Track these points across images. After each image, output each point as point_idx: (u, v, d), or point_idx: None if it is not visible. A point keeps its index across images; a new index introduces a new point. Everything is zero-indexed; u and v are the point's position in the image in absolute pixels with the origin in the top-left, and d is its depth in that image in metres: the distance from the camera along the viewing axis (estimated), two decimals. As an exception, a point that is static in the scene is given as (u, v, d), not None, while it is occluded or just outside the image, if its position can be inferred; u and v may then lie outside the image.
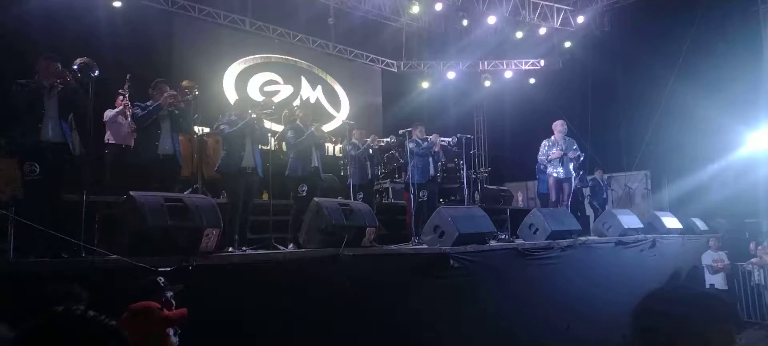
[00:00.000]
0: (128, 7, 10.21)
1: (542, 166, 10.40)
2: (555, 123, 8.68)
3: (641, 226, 8.72)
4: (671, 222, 9.46)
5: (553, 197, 8.60)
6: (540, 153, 8.69)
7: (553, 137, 8.60)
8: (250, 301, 4.22)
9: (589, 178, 11.29)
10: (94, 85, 4.88)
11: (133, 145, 7.01)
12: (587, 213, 11.13)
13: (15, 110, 4.84)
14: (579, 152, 8.51)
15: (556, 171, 8.46)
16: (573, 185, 8.62)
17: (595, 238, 7.99)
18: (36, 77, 4.87)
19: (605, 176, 11.78)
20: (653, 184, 13.32)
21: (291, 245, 5.89)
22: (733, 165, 11.82)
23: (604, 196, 11.48)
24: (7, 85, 4.83)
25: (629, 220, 8.53)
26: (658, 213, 9.76)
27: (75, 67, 4.91)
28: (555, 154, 8.44)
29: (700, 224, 10.26)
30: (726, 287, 9.24)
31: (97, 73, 4.94)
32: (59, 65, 4.93)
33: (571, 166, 8.43)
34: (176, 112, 5.85)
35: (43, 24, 8.43)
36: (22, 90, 4.78)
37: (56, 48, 8.18)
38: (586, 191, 11.38)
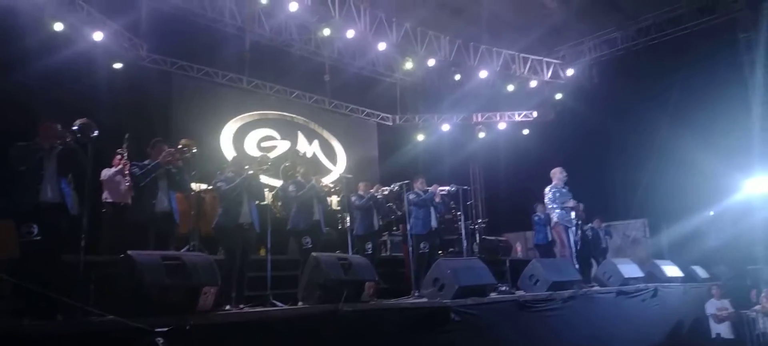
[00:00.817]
0: (128, 67, 10.40)
1: (539, 219, 10.40)
2: (554, 170, 8.61)
3: (642, 275, 8.65)
4: (672, 270, 9.39)
5: (566, 247, 8.37)
6: (549, 200, 8.47)
7: (555, 183, 8.49)
8: (248, 360, 4.14)
9: (586, 227, 11.27)
10: (93, 145, 4.93)
11: (130, 202, 7.00)
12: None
13: (14, 172, 4.88)
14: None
15: (567, 219, 8.32)
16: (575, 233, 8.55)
17: (597, 288, 7.91)
18: (36, 139, 4.93)
19: (603, 225, 11.76)
20: (651, 231, 13.29)
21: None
22: (729, 210, 11.85)
23: (604, 245, 11.45)
24: (7, 147, 4.88)
25: (629, 269, 8.46)
26: (658, 262, 9.69)
27: (75, 127, 4.97)
28: (571, 204, 8.31)
29: (700, 272, 10.19)
30: (733, 336, 9.11)
31: (96, 133, 5.00)
32: (59, 126, 4.99)
33: (573, 214, 8.38)
34: (174, 170, 5.88)
35: (43, 85, 8.56)
36: (22, 152, 4.82)
37: (56, 107, 8.33)
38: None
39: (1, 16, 8.33)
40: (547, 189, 8.55)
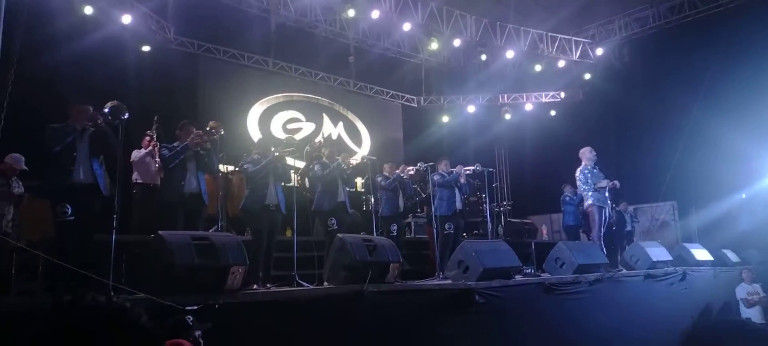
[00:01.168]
0: (155, 50, 10.54)
1: (570, 199, 10.28)
2: (583, 151, 8.36)
3: (670, 258, 8.52)
4: (701, 254, 9.23)
5: (597, 229, 8.09)
6: (581, 182, 8.23)
7: (584, 163, 8.25)
8: (275, 338, 4.22)
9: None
10: (123, 127, 5.04)
11: (159, 183, 7.14)
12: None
13: (48, 153, 5.01)
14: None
15: (602, 200, 8.07)
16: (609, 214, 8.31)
17: (624, 271, 7.83)
18: (68, 122, 5.05)
19: (630, 208, 11.59)
20: (680, 214, 13.06)
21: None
22: (761, 193, 11.56)
23: (630, 228, 11.29)
24: (42, 130, 5.01)
25: (658, 252, 8.35)
26: (687, 245, 9.54)
27: (106, 110, 5.09)
28: (604, 184, 8.03)
29: (731, 256, 10.00)
30: (763, 321, 8.93)
31: (126, 115, 5.10)
32: (91, 109, 5.10)
33: (607, 194, 8.13)
34: (202, 152, 5.97)
35: (74, 69, 8.72)
36: (55, 133, 4.95)
37: (87, 91, 8.48)
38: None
39: (34, 1, 8.48)
40: (577, 171, 8.33)
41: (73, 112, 5.07)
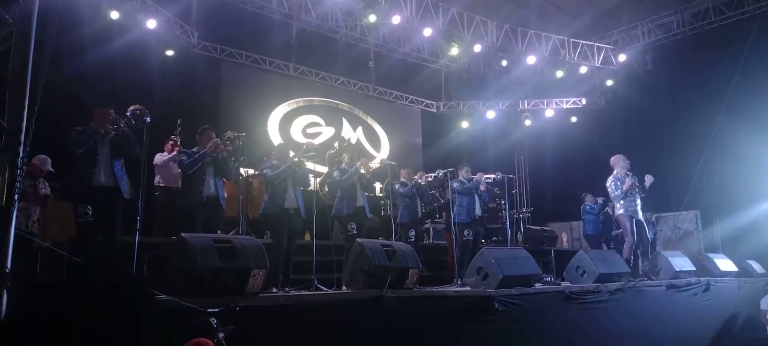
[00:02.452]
0: (179, 54, 10.68)
1: (588, 207, 10.16)
2: (615, 158, 8.06)
3: (693, 268, 8.37)
4: (725, 264, 9.06)
5: (630, 239, 7.84)
6: (612, 189, 7.95)
7: (616, 172, 7.96)
8: (294, 342, 4.24)
9: None
10: (146, 131, 5.12)
11: (180, 187, 7.23)
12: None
13: (72, 156, 5.12)
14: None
15: (633, 209, 7.81)
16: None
17: (646, 281, 7.72)
18: (91, 125, 5.14)
19: (653, 217, 11.42)
20: (704, 224, 12.84)
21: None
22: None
23: (652, 237, 11.12)
24: (66, 132, 5.11)
25: (681, 262, 8.21)
26: (710, 255, 9.37)
27: (128, 114, 5.18)
28: (628, 184, 7.70)
29: (756, 267, 9.79)
30: (788, 334, 8.74)
31: (148, 119, 5.19)
32: (112, 112, 5.19)
33: (638, 203, 7.83)
34: (220, 158, 6.05)
35: (100, 73, 8.89)
36: (79, 136, 5.04)
37: (112, 94, 8.59)
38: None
39: (63, 6, 8.66)
40: (609, 178, 8.02)
41: (95, 115, 5.16)
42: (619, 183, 7.90)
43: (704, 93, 11.95)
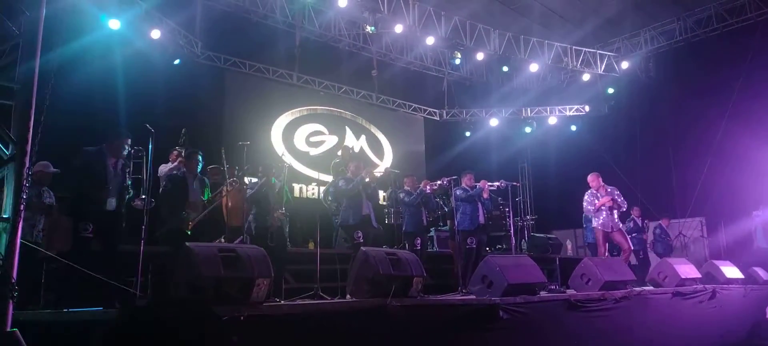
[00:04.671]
0: (183, 63, 10.73)
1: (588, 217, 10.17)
2: (589, 177, 8.38)
3: (699, 276, 8.33)
4: (731, 272, 9.01)
5: (602, 250, 8.22)
6: (587, 204, 8.36)
7: (591, 189, 8.30)
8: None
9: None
10: (151, 146, 5.21)
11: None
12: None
13: (78, 174, 5.23)
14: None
15: (610, 223, 8.11)
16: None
17: (651, 288, 7.68)
18: (103, 147, 5.26)
19: (658, 223, 11.37)
20: (709, 230, 12.79)
21: None
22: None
23: (642, 237, 11.04)
24: (72, 144, 5.20)
25: (686, 269, 8.16)
26: (716, 262, 9.32)
27: (138, 147, 5.40)
28: (601, 202, 8.06)
29: (762, 273, 9.73)
30: (795, 341, 8.67)
31: (151, 145, 5.31)
32: (126, 146, 5.38)
33: (616, 214, 8.11)
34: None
35: (104, 82, 8.91)
36: (89, 157, 5.22)
37: (116, 102, 8.66)
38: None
39: (66, 15, 8.71)
40: (586, 195, 8.35)
41: (111, 147, 5.35)
42: (593, 199, 8.16)
43: (708, 99, 11.94)
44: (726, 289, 8.42)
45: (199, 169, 6.16)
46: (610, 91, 14.38)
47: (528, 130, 15.30)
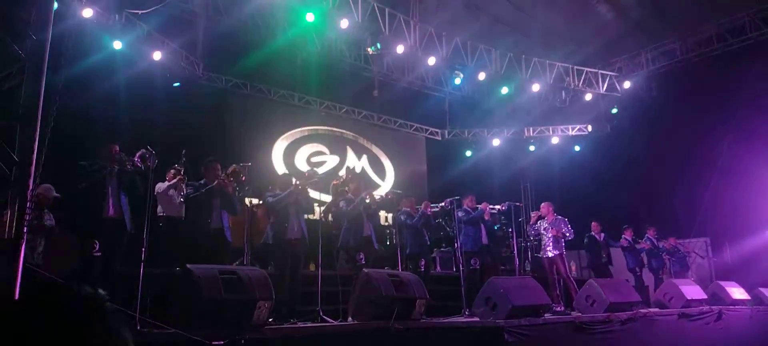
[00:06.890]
0: (184, 85, 10.76)
1: (594, 236, 10.14)
2: (545, 205, 8.68)
3: (705, 297, 8.25)
4: (737, 292, 8.92)
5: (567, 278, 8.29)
6: (536, 233, 8.67)
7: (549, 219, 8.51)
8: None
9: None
10: (152, 172, 5.17)
11: (183, 216, 7.17)
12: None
13: (77, 189, 5.17)
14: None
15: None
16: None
17: (657, 310, 7.59)
18: (98, 159, 5.22)
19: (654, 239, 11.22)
20: (714, 251, 12.68)
21: None
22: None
23: (639, 257, 10.92)
24: (72, 164, 5.17)
25: (692, 291, 8.09)
26: (722, 283, 9.23)
27: (136, 158, 5.29)
28: (555, 231, 8.30)
29: (768, 295, 9.64)
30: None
31: (157, 162, 5.25)
32: (118, 148, 5.33)
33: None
34: (226, 192, 6.03)
35: (107, 103, 8.94)
36: (84, 170, 5.17)
37: (116, 123, 8.66)
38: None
39: (71, 37, 8.74)
40: (541, 224, 8.56)
41: (104, 153, 5.31)
42: (548, 228, 8.41)
43: (710, 119, 11.92)
44: (733, 310, 8.33)
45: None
46: (614, 111, 14.38)
47: (532, 148, 15.28)
